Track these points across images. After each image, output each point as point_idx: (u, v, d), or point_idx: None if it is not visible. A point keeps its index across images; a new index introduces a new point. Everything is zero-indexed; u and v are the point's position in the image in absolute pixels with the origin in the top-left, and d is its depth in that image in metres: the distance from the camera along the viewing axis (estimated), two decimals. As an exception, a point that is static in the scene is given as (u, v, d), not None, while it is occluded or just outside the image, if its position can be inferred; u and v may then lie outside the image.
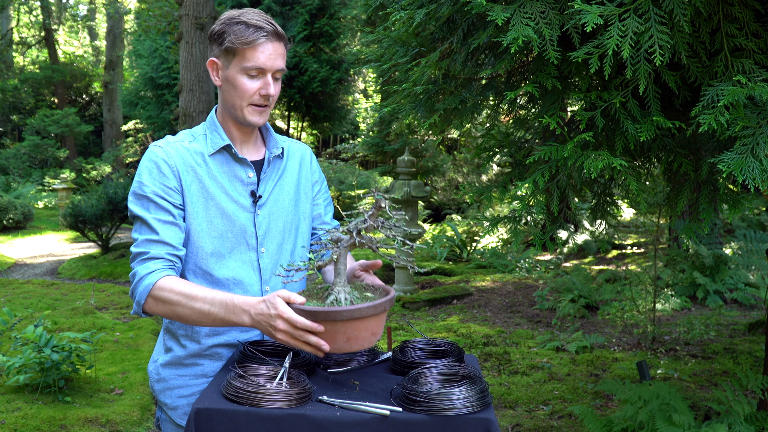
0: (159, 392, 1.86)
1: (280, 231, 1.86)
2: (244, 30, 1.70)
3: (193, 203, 1.76)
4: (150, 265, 1.66)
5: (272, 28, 1.72)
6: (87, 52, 30.30)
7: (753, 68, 1.99)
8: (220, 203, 1.78)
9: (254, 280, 1.82)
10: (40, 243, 12.38)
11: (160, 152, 1.75)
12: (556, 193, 2.57)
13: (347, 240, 1.58)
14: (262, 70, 1.72)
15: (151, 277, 1.64)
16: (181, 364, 1.82)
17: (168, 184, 1.73)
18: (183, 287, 1.63)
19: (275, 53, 1.73)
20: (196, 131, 1.85)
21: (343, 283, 1.58)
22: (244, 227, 1.80)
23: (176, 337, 1.83)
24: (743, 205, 2.41)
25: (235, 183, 1.81)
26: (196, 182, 1.76)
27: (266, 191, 1.85)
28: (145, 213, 1.71)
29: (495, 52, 2.69)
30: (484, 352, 5.30)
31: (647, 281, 5.87)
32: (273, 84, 1.74)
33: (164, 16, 10.44)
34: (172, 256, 1.70)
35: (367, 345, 1.52)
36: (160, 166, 1.73)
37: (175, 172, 1.74)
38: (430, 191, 9.04)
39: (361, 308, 1.48)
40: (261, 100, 1.75)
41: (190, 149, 1.79)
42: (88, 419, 3.82)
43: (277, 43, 1.73)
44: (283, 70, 1.76)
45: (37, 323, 4.44)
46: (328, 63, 15.17)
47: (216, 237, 1.77)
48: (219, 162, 1.80)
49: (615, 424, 3.14)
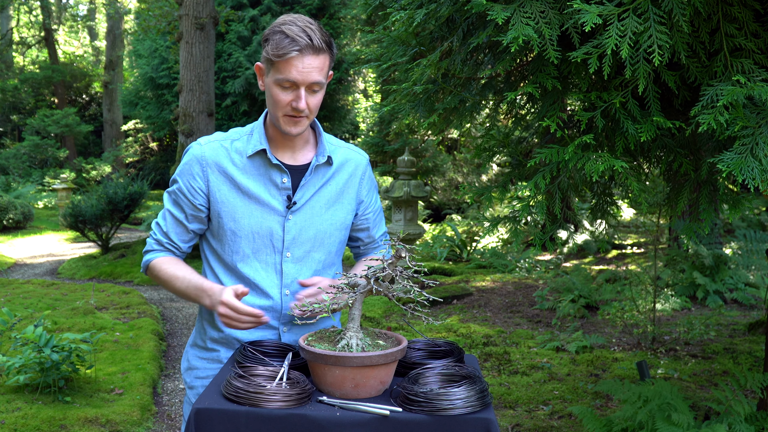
0: (184, 370, 1.99)
1: (311, 239, 1.86)
2: (281, 41, 1.68)
3: (223, 203, 1.82)
4: (153, 243, 1.90)
5: (307, 42, 1.67)
6: (87, 52, 30.30)
7: (752, 68, 1.99)
8: (250, 204, 1.82)
9: (274, 283, 1.84)
10: (40, 243, 12.39)
11: (197, 150, 1.84)
12: (557, 195, 2.57)
13: (364, 286, 1.59)
14: (293, 83, 1.71)
15: (150, 254, 1.90)
16: (203, 348, 1.94)
17: (193, 184, 1.83)
18: (170, 269, 1.84)
19: (309, 67, 1.69)
20: (247, 129, 1.90)
21: (356, 328, 1.58)
22: (272, 230, 1.83)
23: (202, 319, 1.95)
24: (743, 205, 2.41)
25: (269, 186, 1.83)
26: (227, 183, 1.82)
27: (303, 198, 1.84)
28: (167, 202, 1.89)
29: (495, 52, 2.69)
30: (484, 352, 5.30)
31: (647, 281, 5.87)
32: (306, 97, 1.72)
33: (164, 16, 10.44)
34: (171, 246, 1.89)
35: (374, 393, 1.52)
36: (192, 164, 1.83)
37: (204, 173, 1.82)
38: (430, 191, 9.04)
39: (371, 356, 1.48)
40: (293, 112, 1.74)
41: (229, 148, 1.84)
42: (88, 419, 3.82)
43: (312, 56, 1.69)
44: (319, 83, 1.73)
45: (37, 323, 4.44)
46: (328, 63, 15.14)
47: (242, 236, 1.82)
48: (257, 164, 1.83)
49: (615, 424, 3.14)
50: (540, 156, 2.27)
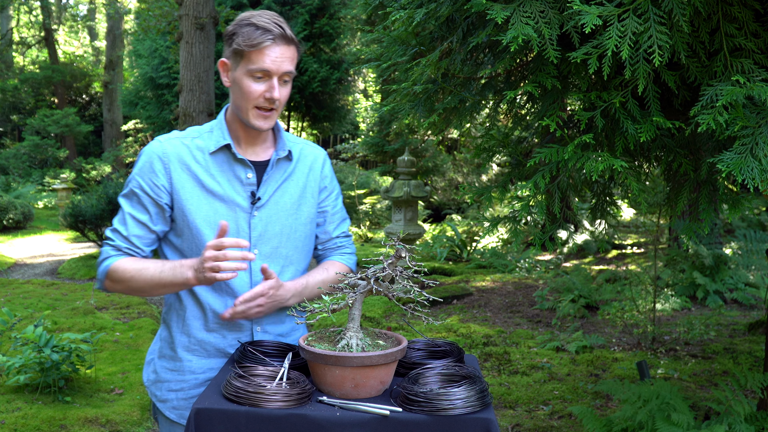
0: (152, 383, 1.90)
1: (277, 234, 1.85)
2: (252, 32, 1.70)
3: (186, 200, 1.78)
4: (110, 250, 1.79)
5: (280, 32, 1.70)
6: (87, 52, 30.29)
7: (752, 68, 1.99)
8: (215, 201, 1.79)
9: (244, 282, 1.82)
10: (40, 243, 12.38)
11: (157, 147, 1.79)
12: (557, 194, 2.57)
13: (364, 286, 1.59)
14: (267, 72, 1.71)
15: (109, 260, 1.77)
16: (172, 358, 1.86)
17: (156, 181, 1.77)
18: (135, 264, 1.75)
19: (282, 56, 1.71)
20: (204, 128, 1.87)
21: (356, 328, 1.58)
22: (239, 227, 1.80)
23: (170, 327, 1.87)
24: (743, 205, 2.40)
25: (234, 182, 1.81)
26: (190, 180, 1.78)
27: (267, 193, 1.84)
28: (126, 205, 1.80)
29: (494, 52, 2.69)
30: (484, 352, 5.30)
31: (647, 281, 5.87)
32: (279, 87, 1.73)
33: (164, 16, 10.44)
34: (132, 251, 1.79)
35: (374, 393, 1.52)
36: (153, 162, 1.78)
37: (166, 169, 1.77)
38: (430, 191, 9.04)
39: (371, 356, 1.48)
40: (266, 104, 1.74)
41: (191, 146, 1.81)
42: (88, 419, 3.82)
43: (284, 46, 1.72)
44: (291, 73, 1.75)
45: (37, 323, 4.44)
46: (328, 63, 15.17)
47: (208, 234, 1.78)
48: (219, 161, 1.81)
49: (615, 424, 3.14)
50: (539, 156, 2.27)
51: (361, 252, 10.03)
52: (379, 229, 13.35)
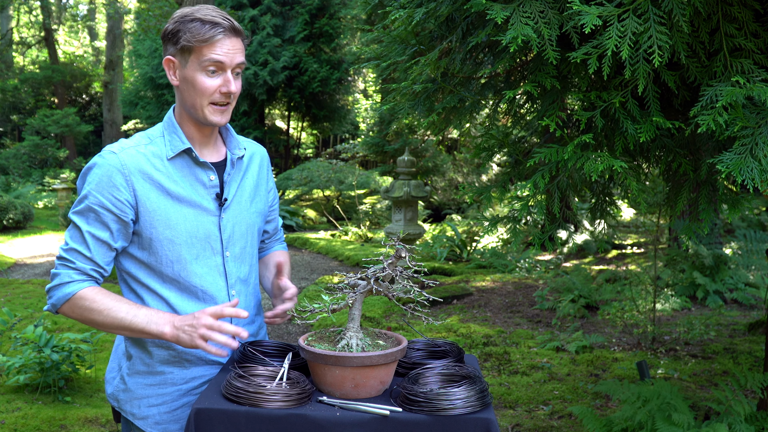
0: (124, 402, 1.80)
1: (243, 234, 1.84)
2: (200, 27, 1.66)
3: (153, 211, 1.69)
4: (72, 274, 1.66)
5: (229, 24, 1.68)
6: (87, 52, 30.29)
7: (752, 68, 1.99)
8: (182, 208, 1.72)
9: (221, 285, 1.79)
10: (40, 243, 12.38)
11: (113, 160, 1.67)
12: (557, 194, 2.57)
13: (364, 286, 1.59)
14: (221, 65, 1.68)
15: (73, 285, 1.64)
16: (149, 373, 1.77)
17: (118, 196, 1.66)
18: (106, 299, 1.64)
19: (233, 48, 1.69)
20: (153, 133, 1.79)
21: (356, 328, 1.58)
22: (209, 231, 1.76)
23: (142, 343, 1.77)
24: (743, 205, 2.41)
25: (197, 187, 1.76)
26: (155, 189, 1.70)
27: (230, 194, 1.81)
28: (83, 223, 1.67)
29: (494, 51, 2.69)
30: (484, 352, 5.30)
31: (647, 281, 5.87)
32: (233, 80, 1.70)
33: (164, 16, 10.44)
34: (97, 273, 1.69)
35: (374, 393, 1.52)
36: (112, 175, 1.66)
37: (128, 182, 1.67)
38: (430, 191, 9.04)
39: (371, 356, 1.48)
40: (222, 98, 1.71)
41: (147, 153, 1.71)
42: (88, 419, 3.82)
43: (234, 38, 1.69)
44: (243, 64, 1.72)
45: (37, 323, 4.44)
46: (328, 63, 15.17)
47: (180, 243, 1.72)
48: (179, 166, 1.74)
49: (615, 424, 3.14)
50: (539, 155, 2.27)
51: (361, 252, 10.03)
52: (379, 229, 13.35)
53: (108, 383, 1.86)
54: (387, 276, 1.57)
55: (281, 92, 15.23)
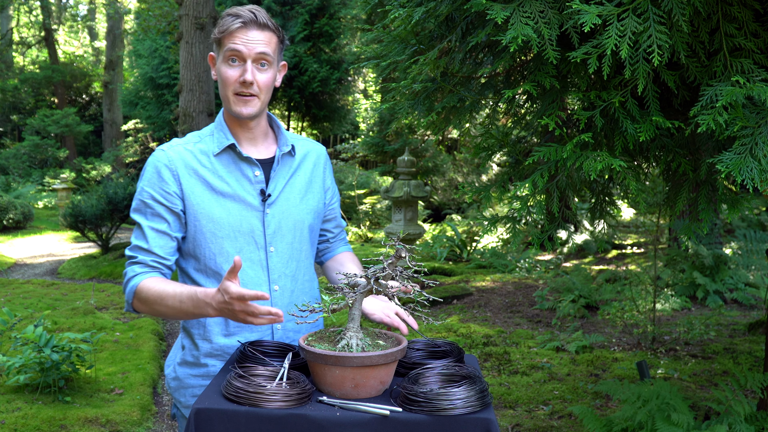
0: (174, 390, 1.90)
1: (291, 229, 1.86)
2: (225, 19, 1.75)
3: (198, 204, 1.77)
4: (136, 268, 1.74)
5: (250, 16, 1.74)
6: (87, 52, 30.30)
7: (752, 68, 1.99)
8: (226, 202, 1.79)
9: (262, 280, 1.82)
10: (40, 243, 12.38)
11: (161, 156, 1.78)
12: (556, 194, 2.57)
13: (364, 286, 1.59)
14: (238, 54, 1.73)
15: (135, 279, 1.72)
16: (195, 364, 1.86)
17: (167, 189, 1.76)
18: (158, 286, 1.68)
19: (253, 39, 1.74)
20: (204, 132, 1.87)
21: (356, 328, 1.58)
22: (253, 226, 1.81)
23: (191, 335, 1.86)
24: (742, 205, 2.41)
25: (242, 182, 1.81)
26: (200, 184, 1.78)
27: (276, 189, 1.85)
28: (143, 219, 1.77)
29: (494, 51, 2.69)
30: (484, 352, 5.30)
31: (647, 281, 5.87)
32: (252, 70, 1.74)
33: (164, 16, 10.44)
34: (157, 263, 1.75)
35: (374, 393, 1.52)
36: (160, 170, 1.77)
37: (175, 176, 1.76)
38: (430, 191, 9.04)
39: (371, 356, 1.48)
40: (242, 88, 1.76)
41: (194, 151, 1.81)
42: (88, 419, 3.82)
43: (256, 30, 1.74)
44: (265, 54, 1.75)
45: (37, 323, 4.44)
46: (328, 63, 15.16)
47: (223, 237, 1.78)
48: (225, 162, 1.81)
49: (615, 424, 3.14)
50: (538, 154, 2.27)
51: (361, 252, 10.03)
52: (379, 229, 13.35)
53: (166, 368, 1.96)
54: (387, 276, 1.57)
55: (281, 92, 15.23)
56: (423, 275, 1.61)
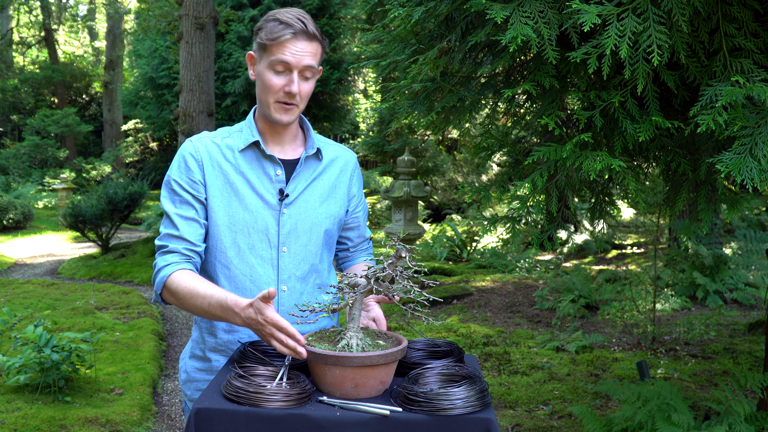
0: (183, 382, 1.93)
1: (306, 231, 1.85)
2: (274, 27, 1.73)
3: (216, 197, 1.79)
4: (168, 257, 1.74)
5: (301, 26, 1.73)
6: (87, 52, 30.30)
7: (752, 68, 1.99)
8: (244, 198, 1.80)
9: (271, 279, 1.82)
10: (40, 243, 12.38)
11: (189, 146, 1.82)
12: (555, 194, 2.57)
13: (364, 286, 1.59)
14: (287, 65, 1.73)
15: (167, 269, 1.72)
16: (201, 358, 1.89)
17: (193, 177, 1.79)
18: (189, 283, 1.67)
19: (302, 51, 1.73)
20: (235, 127, 1.90)
21: (356, 328, 1.58)
22: (267, 224, 1.81)
23: (200, 329, 1.89)
24: (742, 205, 2.41)
25: (263, 179, 1.82)
26: (221, 177, 1.80)
27: (296, 190, 1.84)
28: (171, 207, 1.79)
29: (493, 51, 2.69)
30: (484, 352, 5.30)
31: (647, 281, 5.87)
32: (298, 82, 1.75)
33: (164, 16, 10.44)
34: (189, 251, 1.76)
35: (374, 393, 1.52)
36: (187, 159, 1.80)
37: (200, 166, 1.80)
38: (430, 191, 9.04)
39: (371, 356, 1.48)
40: (285, 98, 1.76)
41: (221, 144, 1.83)
42: (88, 419, 3.82)
43: (306, 41, 1.74)
44: (311, 67, 1.76)
45: (37, 323, 4.44)
46: (328, 63, 15.16)
47: (236, 231, 1.79)
48: (249, 158, 1.83)
49: (615, 424, 3.14)
50: (538, 154, 2.27)
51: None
52: (379, 229, 13.35)
53: (180, 360, 1.99)
54: (387, 276, 1.57)
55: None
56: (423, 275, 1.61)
